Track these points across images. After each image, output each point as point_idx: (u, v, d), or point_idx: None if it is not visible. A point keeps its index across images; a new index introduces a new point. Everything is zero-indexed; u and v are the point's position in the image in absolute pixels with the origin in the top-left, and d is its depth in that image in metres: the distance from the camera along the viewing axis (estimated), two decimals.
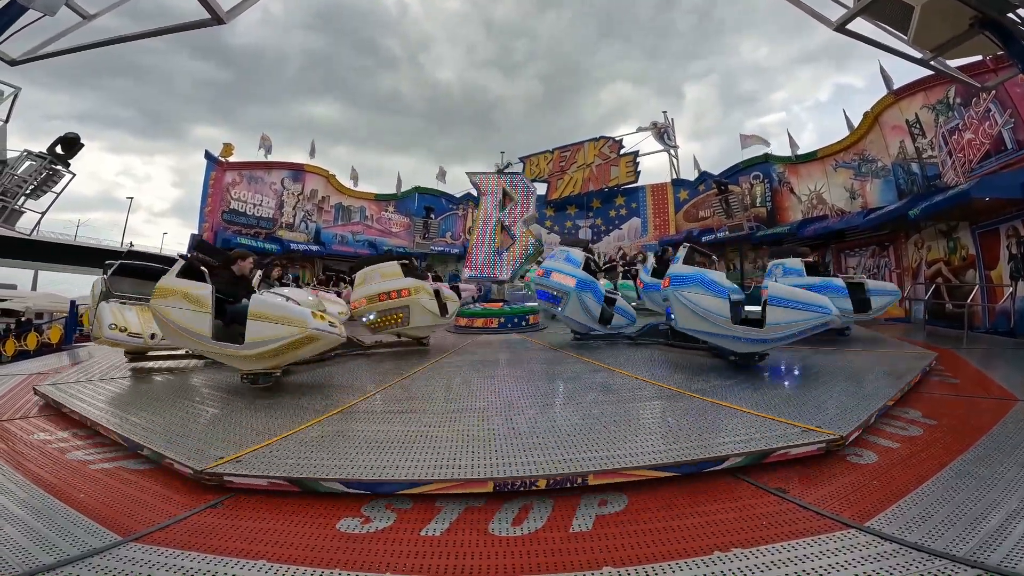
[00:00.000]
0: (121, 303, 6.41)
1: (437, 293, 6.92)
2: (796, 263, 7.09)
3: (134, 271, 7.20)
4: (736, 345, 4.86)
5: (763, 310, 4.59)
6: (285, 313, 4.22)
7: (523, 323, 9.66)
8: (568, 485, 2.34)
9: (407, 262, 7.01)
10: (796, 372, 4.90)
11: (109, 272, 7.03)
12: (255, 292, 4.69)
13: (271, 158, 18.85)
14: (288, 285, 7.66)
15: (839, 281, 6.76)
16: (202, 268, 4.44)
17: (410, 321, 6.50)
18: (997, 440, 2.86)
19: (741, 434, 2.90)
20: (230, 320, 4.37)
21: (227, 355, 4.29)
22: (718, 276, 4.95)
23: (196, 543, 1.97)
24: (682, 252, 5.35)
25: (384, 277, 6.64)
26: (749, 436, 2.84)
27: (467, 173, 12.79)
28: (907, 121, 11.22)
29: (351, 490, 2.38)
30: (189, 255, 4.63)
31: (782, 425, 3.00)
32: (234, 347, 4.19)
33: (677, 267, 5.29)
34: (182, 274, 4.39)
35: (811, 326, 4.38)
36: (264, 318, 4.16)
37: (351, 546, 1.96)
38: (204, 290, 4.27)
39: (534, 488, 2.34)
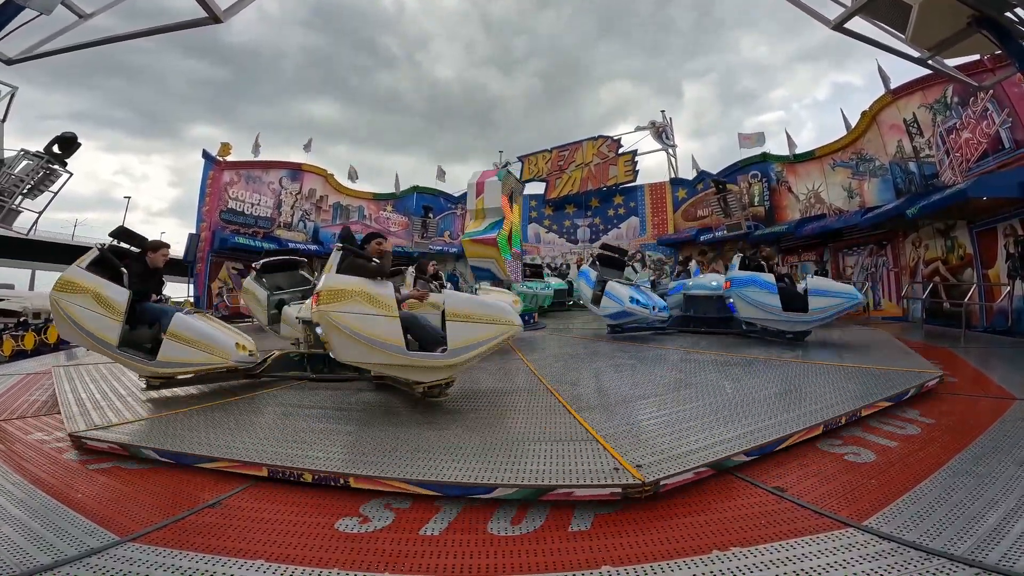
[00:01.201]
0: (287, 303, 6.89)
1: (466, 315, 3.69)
2: (735, 259, 7.50)
3: (275, 266, 8.39)
4: (599, 318, 8.42)
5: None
6: (209, 342, 4.12)
7: (530, 320, 10.91)
8: (833, 427, 3.09)
9: (345, 246, 3.78)
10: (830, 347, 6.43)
11: (258, 268, 7.78)
12: (163, 286, 4.50)
13: (268, 157, 18.81)
14: (445, 285, 6.56)
15: (765, 277, 6.76)
16: (123, 268, 4.09)
17: (332, 348, 3.77)
18: (995, 439, 2.87)
19: (881, 380, 4.02)
20: (136, 321, 4.10)
21: (132, 365, 4.10)
22: (594, 273, 8.44)
23: (194, 543, 1.96)
24: (589, 258, 8.92)
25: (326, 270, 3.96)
26: (888, 380, 3.99)
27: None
28: (905, 120, 11.23)
29: (750, 457, 2.64)
30: (105, 246, 4.23)
31: (885, 372, 4.31)
32: (145, 362, 4.04)
33: (584, 266, 9.15)
34: (93, 266, 4.03)
35: (615, 311, 7.71)
36: (184, 340, 4.04)
37: (350, 546, 1.95)
38: (120, 295, 3.96)
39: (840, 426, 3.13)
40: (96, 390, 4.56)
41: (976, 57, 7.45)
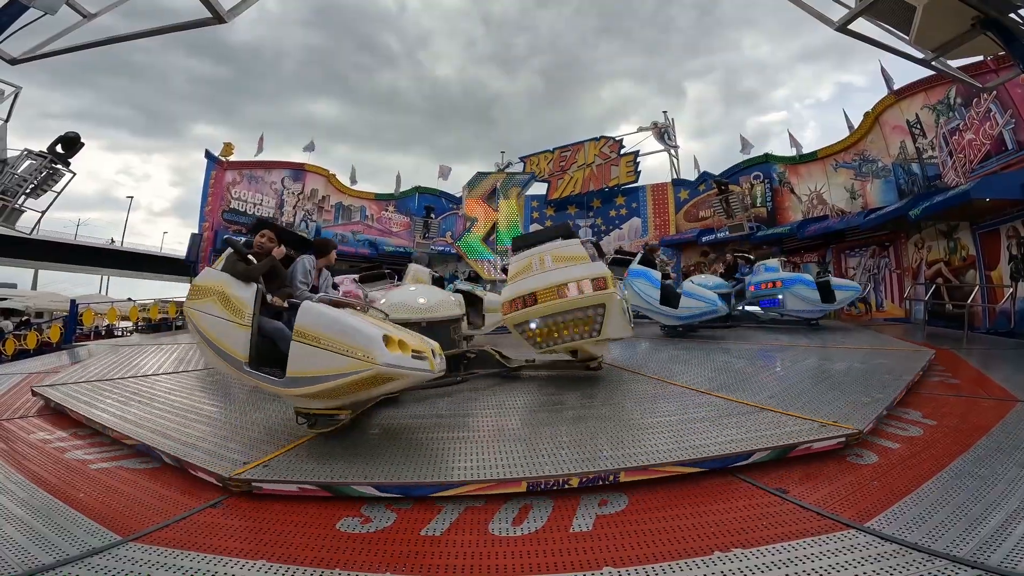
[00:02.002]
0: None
1: None
2: (638, 255, 8.37)
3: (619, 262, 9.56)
4: None
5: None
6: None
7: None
8: (910, 390, 3.87)
9: (228, 238, 3.97)
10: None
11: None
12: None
13: (270, 157, 18.87)
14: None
15: (654, 273, 7.81)
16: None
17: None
18: (997, 440, 2.86)
19: (903, 358, 5.06)
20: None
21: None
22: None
23: (196, 543, 1.97)
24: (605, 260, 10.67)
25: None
26: (910, 358, 5.05)
27: None
28: (908, 121, 11.20)
29: (887, 411, 3.33)
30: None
31: (905, 352, 5.36)
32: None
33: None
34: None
35: None
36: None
37: (351, 546, 1.95)
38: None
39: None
40: (150, 415, 3.72)
41: (980, 58, 7.44)
